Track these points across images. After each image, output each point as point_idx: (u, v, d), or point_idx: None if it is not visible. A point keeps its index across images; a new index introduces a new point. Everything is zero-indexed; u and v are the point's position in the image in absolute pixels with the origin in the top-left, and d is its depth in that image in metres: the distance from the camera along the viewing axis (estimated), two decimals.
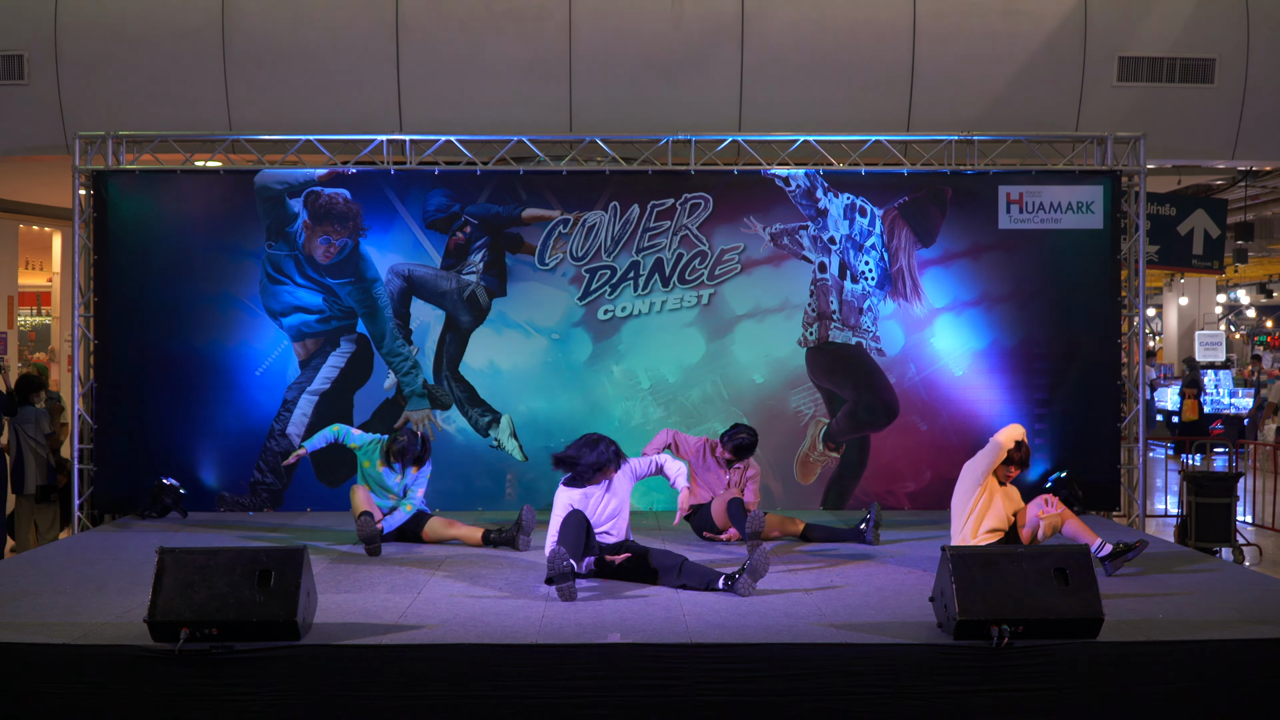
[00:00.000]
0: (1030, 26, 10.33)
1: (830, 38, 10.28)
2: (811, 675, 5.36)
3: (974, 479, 7.12)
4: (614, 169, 9.86)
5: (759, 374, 9.97)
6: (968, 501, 7.11)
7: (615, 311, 9.93)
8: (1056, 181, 9.90)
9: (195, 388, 9.73)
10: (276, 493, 9.81)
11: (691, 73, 10.26)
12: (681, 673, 5.36)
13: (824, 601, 6.37)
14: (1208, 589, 6.72)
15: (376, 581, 6.92)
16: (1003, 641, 5.36)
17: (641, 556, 6.89)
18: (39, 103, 10.26)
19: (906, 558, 7.74)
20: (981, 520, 7.06)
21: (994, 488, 7.13)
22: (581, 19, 10.18)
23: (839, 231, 9.96)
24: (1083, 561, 5.61)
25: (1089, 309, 9.89)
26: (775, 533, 8.35)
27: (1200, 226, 12.73)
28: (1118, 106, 10.44)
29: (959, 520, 7.16)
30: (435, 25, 10.18)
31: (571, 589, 6.38)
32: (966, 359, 9.95)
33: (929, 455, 9.90)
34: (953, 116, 10.23)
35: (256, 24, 10.15)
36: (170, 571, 5.45)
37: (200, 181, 9.90)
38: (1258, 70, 10.50)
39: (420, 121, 10.14)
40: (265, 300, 9.83)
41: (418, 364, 9.89)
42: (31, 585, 6.77)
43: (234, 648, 5.34)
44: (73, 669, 5.35)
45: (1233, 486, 10.22)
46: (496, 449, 9.88)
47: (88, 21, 10.16)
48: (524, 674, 5.36)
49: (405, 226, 9.87)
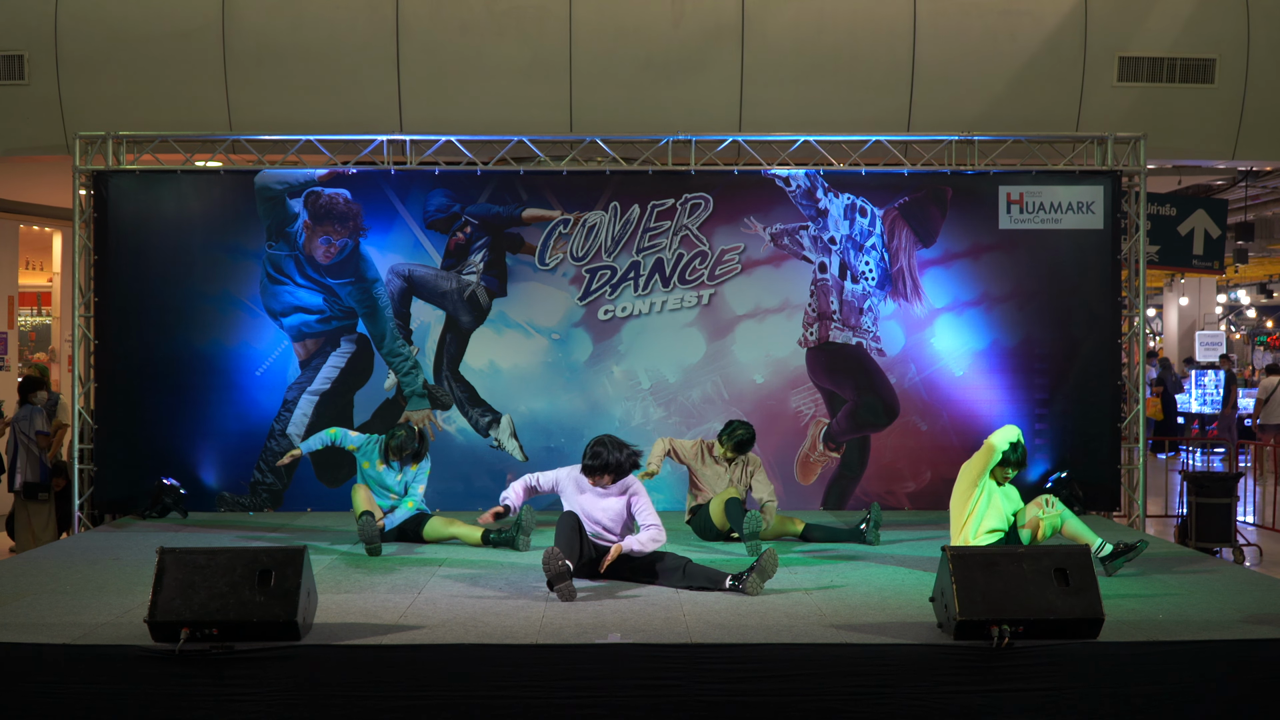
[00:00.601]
0: (1030, 26, 10.33)
1: (830, 38, 10.28)
2: (812, 675, 5.36)
3: (970, 480, 7.11)
4: (614, 169, 9.86)
5: (759, 374, 9.97)
6: (965, 503, 7.11)
7: (615, 312, 9.93)
8: (1057, 182, 9.90)
9: (195, 388, 9.74)
10: (277, 493, 9.81)
11: (692, 73, 10.27)
12: (682, 673, 5.35)
13: (824, 601, 6.37)
14: (1208, 589, 6.71)
15: (377, 582, 6.92)
16: (1003, 642, 5.36)
17: (644, 559, 6.87)
18: (39, 103, 10.27)
19: (906, 558, 7.74)
20: (980, 521, 7.05)
21: (992, 488, 7.13)
22: (582, 19, 10.18)
23: (839, 232, 9.96)
24: (1083, 562, 5.60)
25: (1089, 309, 9.90)
26: (775, 534, 8.35)
27: (1200, 227, 12.74)
28: (1118, 106, 10.44)
29: (957, 521, 7.15)
30: (435, 25, 10.18)
31: (570, 589, 6.37)
32: (967, 359, 9.95)
33: (929, 455, 9.90)
34: (953, 117, 10.23)
35: (257, 24, 10.15)
36: (170, 571, 5.44)
37: (200, 182, 9.90)
38: (1258, 70, 10.50)
39: (421, 121, 10.14)
40: (265, 300, 9.83)
41: (418, 364, 9.89)
42: (32, 585, 6.77)
43: (234, 648, 5.33)
44: (73, 669, 5.35)
45: (1233, 487, 10.22)
46: (497, 449, 9.89)
47: (88, 21, 10.16)
48: (524, 674, 5.35)
49: (405, 226, 9.87)
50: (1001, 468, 7.12)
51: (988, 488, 7.11)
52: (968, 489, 7.11)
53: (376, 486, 8.27)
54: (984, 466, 7.07)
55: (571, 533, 6.73)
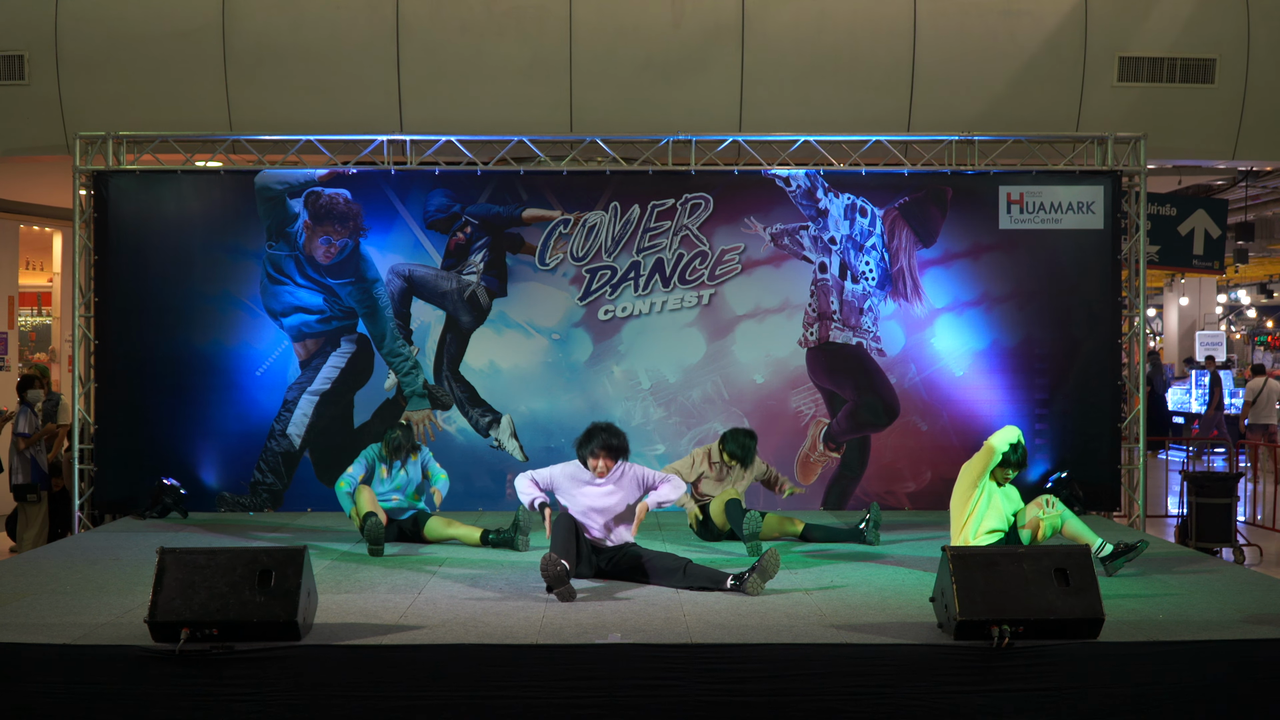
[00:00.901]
0: (1031, 26, 10.33)
1: (830, 38, 10.28)
2: (812, 676, 5.36)
3: (970, 481, 7.11)
4: (614, 169, 9.86)
5: (759, 374, 9.97)
6: (965, 503, 7.11)
7: (616, 312, 9.93)
8: (1057, 182, 9.90)
9: (195, 388, 9.74)
10: (277, 493, 9.82)
11: (692, 73, 10.26)
12: (682, 673, 5.35)
13: (824, 602, 6.37)
14: (1208, 589, 6.71)
15: (377, 582, 6.92)
16: (1003, 642, 5.36)
17: (638, 558, 6.88)
18: (39, 103, 10.27)
19: (906, 558, 7.73)
20: (980, 521, 7.05)
21: (992, 489, 7.13)
22: (582, 19, 10.18)
23: (839, 232, 9.96)
24: (1083, 562, 5.60)
25: (1089, 309, 9.90)
26: (775, 534, 8.35)
27: (1201, 227, 12.73)
28: (1118, 107, 10.44)
29: (957, 521, 7.16)
30: (436, 25, 10.18)
31: (570, 590, 6.38)
32: (967, 359, 9.95)
33: (929, 456, 9.90)
34: (953, 117, 10.23)
35: (257, 24, 10.15)
36: (171, 572, 5.44)
37: (201, 182, 9.90)
38: (1258, 70, 10.50)
39: (421, 122, 10.14)
40: (266, 300, 9.83)
41: (418, 364, 9.89)
42: (32, 585, 6.77)
43: (234, 648, 5.33)
44: (73, 669, 5.35)
45: (1233, 487, 10.22)
46: (497, 449, 9.88)
47: (88, 21, 10.17)
48: (525, 674, 5.35)
49: (406, 227, 9.87)
50: (1001, 468, 7.12)
51: (988, 488, 7.11)
52: (968, 489, 7.11)
53: (390, 494, 8.30)
54: (984, 467, 7.07)
55: (568, 535, 6.74)
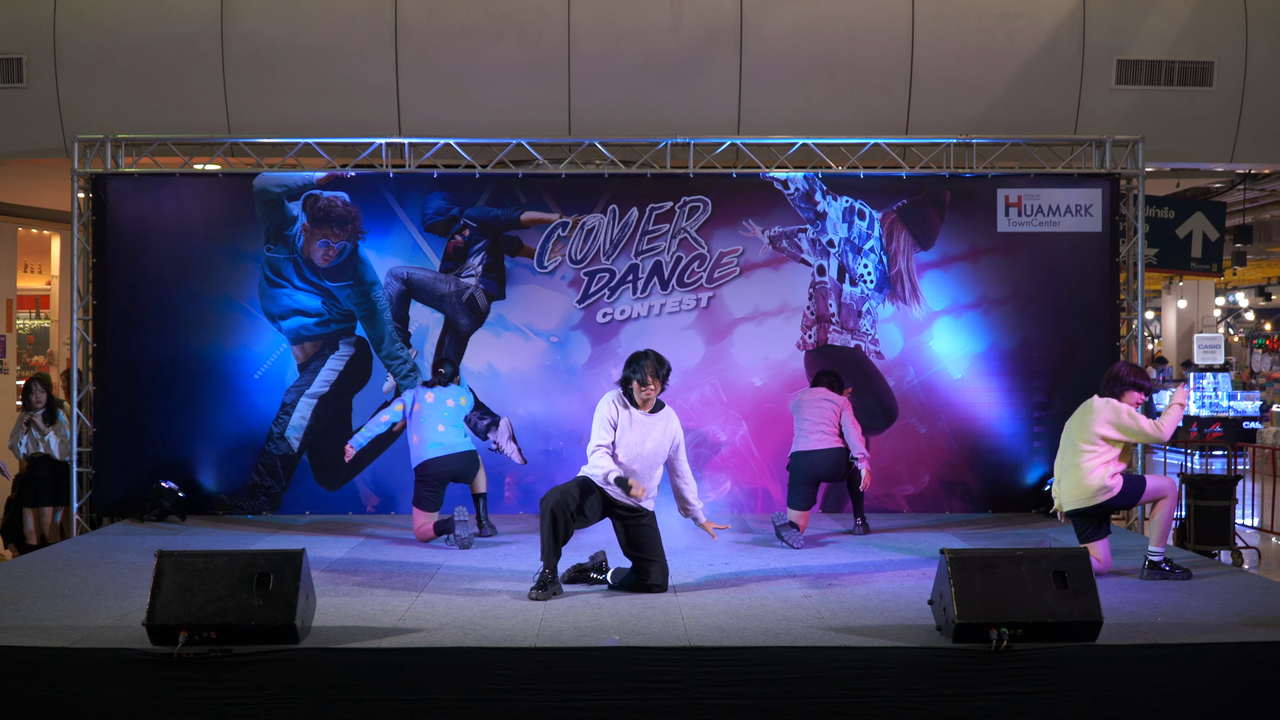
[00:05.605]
0: (1029, 29, 10.34)
1: (829, 41, 10.29)
2: (810, 679, 5.36)
3: (1138, 430, 7.04)
4: (613, 172, 9.86)
5: (758, 377, 9.97)
6: (1114, 444, 7.07)
7: (614, 314, 9.93)
8: (1055, 184, 9.91)
9: (194, 391, 9.73)
10: (275, 496, 9.81)
11: (690, 76, 10.27)
12: (680, 676, 5.36)
13: (822, 604, 6.37)
14: (1206, 592, 6.72)
15: (375, 585, 6.92)
16: (1001, 645, 5.36)
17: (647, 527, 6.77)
18: (38, 106, 10.28)
19: (905, 561, 7.74)
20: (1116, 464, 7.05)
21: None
22: (580, 22, 10.19)
23: (838, 234, 9.97)
24: (1082, 565, 5.61)
25: (1088, 312, 9.90)
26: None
27: (1199, 229, 12.73)
28: (1116, 109, 10.45)
29: (1103, 451, 7.06)
30: (434, 28, 10.18)
31: (557, 590, 6.56)
32: (965, 362, 9.96)
33: (928, 458, 9.90)
34: (951, 119, 10.24)
35: (255, 27, 10.16)
36: (169, 575, 5.44)
37: (199, 184, 9.90)
38: (1256, 73, 10.52)
39: (419, 124, 10.15)
40: (264, 303, 9.83)
41: (416, 367, 9.89)
42: (30, 589, 6.76)
43: (233, 651, 5.33)
44: (71, 672, 5.35)
45: (1232, 489, 10.21)
46: (495, 452, 9.88)
47: (86, 24, 10.18)
48: (523, 677, 5.36)
49: (404, 229, 9.87)
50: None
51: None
52: (1130, 432, 7.05)
53: (440, 419, 8.46)
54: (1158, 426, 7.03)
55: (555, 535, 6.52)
